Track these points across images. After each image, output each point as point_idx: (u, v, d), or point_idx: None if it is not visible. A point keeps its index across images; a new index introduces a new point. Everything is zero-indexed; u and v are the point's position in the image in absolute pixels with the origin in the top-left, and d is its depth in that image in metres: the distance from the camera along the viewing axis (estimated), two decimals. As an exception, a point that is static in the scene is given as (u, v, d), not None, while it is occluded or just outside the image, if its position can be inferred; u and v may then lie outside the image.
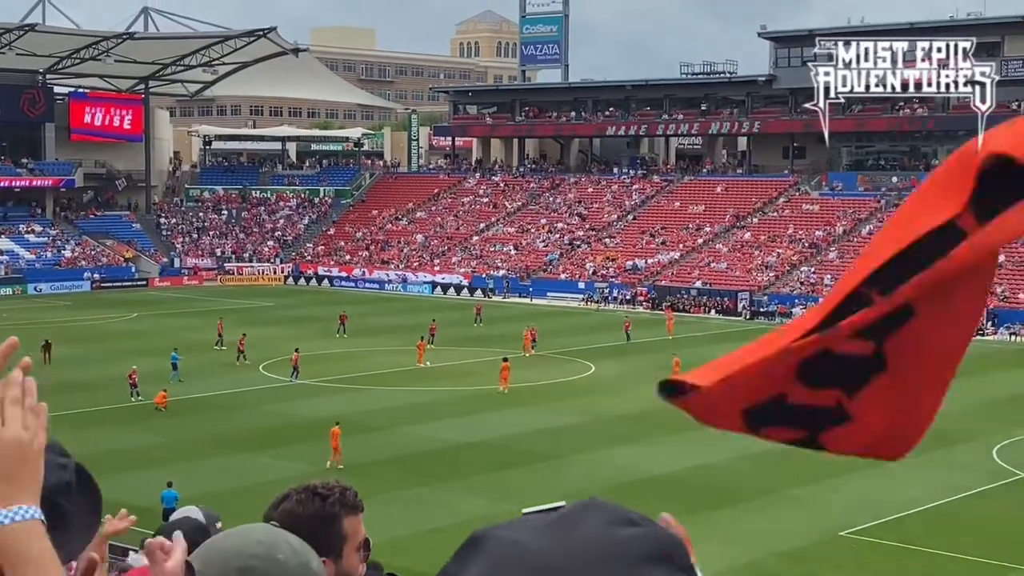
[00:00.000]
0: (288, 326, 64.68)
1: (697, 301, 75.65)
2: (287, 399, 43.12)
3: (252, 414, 40.37)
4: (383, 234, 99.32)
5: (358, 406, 41.68)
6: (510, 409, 41.36)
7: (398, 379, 47.48)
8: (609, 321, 65.67)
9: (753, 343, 1.89)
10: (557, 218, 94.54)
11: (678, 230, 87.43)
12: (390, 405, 41.93)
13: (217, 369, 49.67)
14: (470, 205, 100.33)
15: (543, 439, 36.64)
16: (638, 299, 78.33)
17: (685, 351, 51.63)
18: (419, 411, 40.90)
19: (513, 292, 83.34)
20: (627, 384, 47.08)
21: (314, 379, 46.95)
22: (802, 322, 1.83)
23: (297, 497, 3.26)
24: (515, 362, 52.01)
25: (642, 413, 40.83)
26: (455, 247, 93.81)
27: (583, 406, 42.05)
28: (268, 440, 36.03)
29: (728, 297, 74.91)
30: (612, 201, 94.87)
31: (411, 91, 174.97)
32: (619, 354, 55.54)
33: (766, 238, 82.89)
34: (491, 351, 49.94)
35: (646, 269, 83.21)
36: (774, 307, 72.42)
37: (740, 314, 72.99)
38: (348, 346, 57.17)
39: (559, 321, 68.95)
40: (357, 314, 67.37)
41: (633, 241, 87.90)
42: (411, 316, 69.73)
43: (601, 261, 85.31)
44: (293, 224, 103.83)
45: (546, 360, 53.68)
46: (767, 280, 77.70)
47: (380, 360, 52.29)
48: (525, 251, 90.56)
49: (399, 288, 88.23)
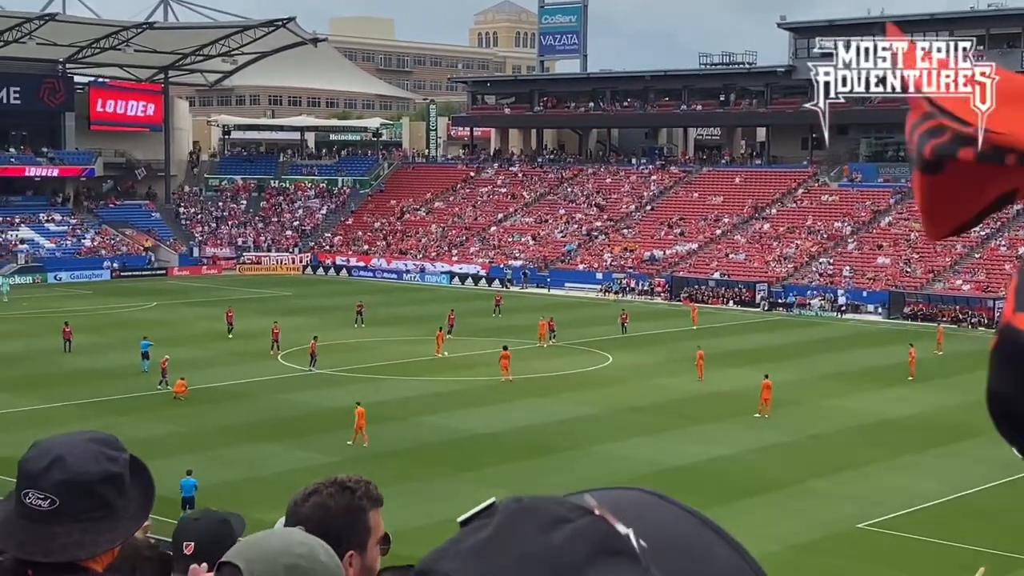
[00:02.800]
0: (306, 315, 64.80)
1: (715, 292, 75.50)
2: (305, 388, 43.14)
3: (270, 403, 40.43)
4: (401, 224, 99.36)
5: (375, 396, 41.75)
6: (527, 400, 41.40)
7: (416, 369, 47.43)
8: (627, 311, 65.56)
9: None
10: (575, 208, 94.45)
11: (696, 221, 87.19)
12: (407, 395, 42.03)
13: (235, 358, 49.78)
14: (488, 195, 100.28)
15: (560, 430, 36.64)
16: (656, 290, 78.27)
17: (705, 342, 51.56)
18: (436, 401, 40.97)
19: (531, 282, 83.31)
20: (645, 375, 47.04)
21: (332, 368, 47.01)
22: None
23: (327, 491, 3.31)
24: (531, 353, 52.08)
25: (659, 405, 40.91)
26: (473, 237, 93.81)
27: (600, 397, 42.03)
28: (285, 430, 36.08)
29: (746, 288, 74.75)
30: (630, 192, 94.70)
31: (429, 81, 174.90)
32: (637, 345, 55.49)
33: (785, 229, 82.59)
34: (509, 342, 50.00)
35: (664, 260, 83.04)
36: (792, 298, 72.24)
37: (758, 305, 72.84)
38: (366, 336, 57.29)
39: (577, 312, 68.94)
40: (375, 304, 67.49)
41: (651, 232, 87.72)
42: (429, 306, 69.78)
43: (620, 252, 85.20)
44: (311, 214, 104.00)
45: (563, 351, 53.61)
46: (785, 271, 77.45)
47: (398, 350, 52.36)
48: (543, 241, 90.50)
49: (417, 278, 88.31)
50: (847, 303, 70.77)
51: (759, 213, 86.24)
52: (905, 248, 76.53)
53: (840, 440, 36.20)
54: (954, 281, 71.42)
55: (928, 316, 66.56)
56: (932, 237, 2.00)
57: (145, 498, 2.61)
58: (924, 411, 40.79)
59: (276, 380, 45.03)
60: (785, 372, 47.26)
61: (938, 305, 67.82)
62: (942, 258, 74.19)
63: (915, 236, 76.78)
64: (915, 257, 75.15)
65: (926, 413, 40.45)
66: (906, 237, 77.47)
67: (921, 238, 76.63)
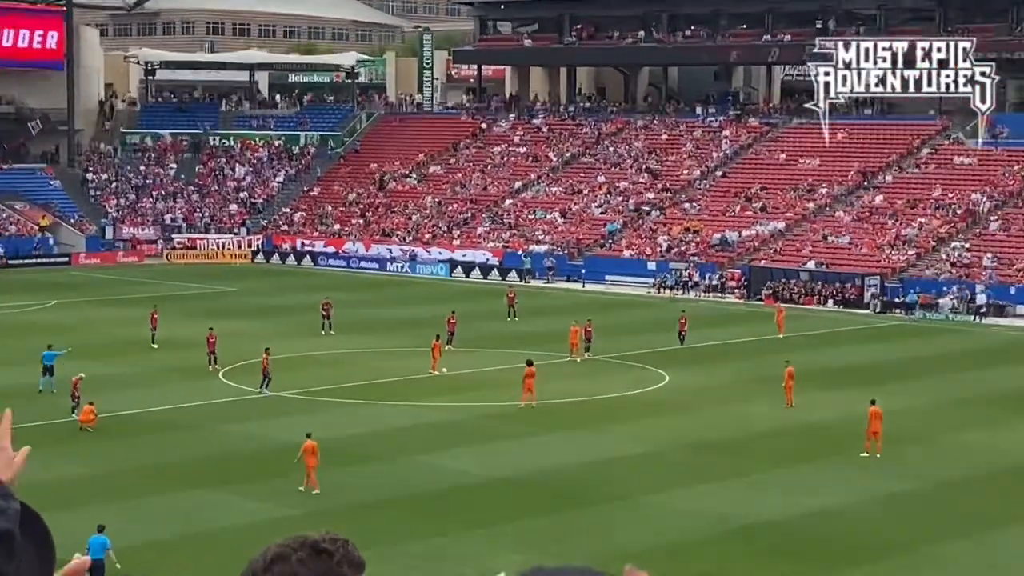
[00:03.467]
0: (257, 319, 64.70)
1: (808, 288, 75.40)
2: (255, 417, 43.47)
3: (209, 437, 40.71)
4: (385, 196, 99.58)
5: (351, 427, 41.84)
6: (553, 434, 41.60)
7: (405, 391, 47.65)
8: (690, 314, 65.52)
9: None
10: (619, 175, 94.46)
11: (783, 192, 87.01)
12: (394, 426, 42.30)
13: (162, 376, 49.84)
14: (502, 157, 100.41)
15: (599, 475, 36.81)
16: (728, 285, 78.21)
17: (795, 356, 51.32)
18: (433, 435, 41.27)
19: (559, 275, 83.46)
20: (713, 400, 46.90)
21: (291, 390, 47.27)
22: None
23: (297, 556, 3.27)
24: (559, 369, 52.04)
25: (733, 440, 40.88)
26: (481, 214, 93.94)
27: (652, 430, 42.24)
28: (230, 472, 36.36)
29: (851, 283, 74.62)
30: (694, 152, 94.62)
31: (423, 2, 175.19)
32: (701, 359, 55.43)
33: (903, 203, 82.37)
34: (529, 354, 50.13)
35: (739, 245, 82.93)
36: (914, 296, 72.11)
37: (867, 306, 72.72)
38: (336, 345, 57.24)
39: (621, 314, 68.80)
40: (349, 303, 67.58)
41: (722, 207, 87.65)
42: (422, 306, 69.64)
43: (679, 233, 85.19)
44: (264, 182, 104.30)
45: (602, 367, 53.53)
46: (904, 260, 77.22)
47: (380, 366, 52.31)
48: (576, 220, 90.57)
49: (406, 269, 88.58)
50: (989, 303, 70.56)
51: (869, 181, 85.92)
52: (1068, 228, 76.27)
53: (981, 489, 36.14)
54: None
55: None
56: None
57: (42, 562, 2.63)
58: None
59: (216, 405, 45.36)
60: (905, 397, 47.03)
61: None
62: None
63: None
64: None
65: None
66: (1070, 214, 77.21)
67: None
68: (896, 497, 34.75)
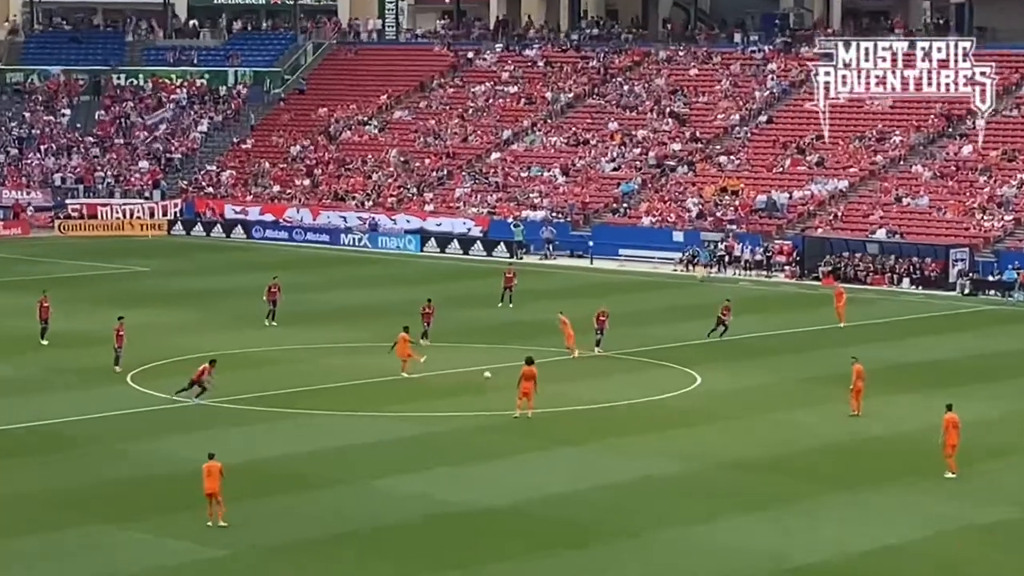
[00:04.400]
0: (174, 307, 64.49)
1: (878, 264, 75.42)
2: (172, 431, 43.28)
3: (112, 457, 40.52)
4: (337, 149, 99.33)
5: (294, 444, 41.78)
6: (552, 451, 41.56)
7: (364, 399, 47.66)
8: (724, 298, 65.54)
9: None
10: (636, 121, 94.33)
11: (846, 142, 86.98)
12: (350, 442, 42.24)
13: (55, 379, 49.58)
14: (486, 99, 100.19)
15: (615, 501, 36.72)
16: (776, 260, 78.21)
17: (861, 350, 51.23)
18: (399, 453, 41.18)
19: (561, 248, 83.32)
20: (758, 407, 47.06)
21: (219, 397, 47.02)
22: None
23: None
24: (562, 369, 52.01)
25: (784, 458, 40.91)
26: (460, 172, 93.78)
27: (677, 446, 42.26)
28: (144, 502, 36.12)
29: (932, 257, 74.63)
30: (731, 92, 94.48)
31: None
32: (743, 355, 55.42)
33: (998, 155, 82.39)
34: (524, 350, 50.00)
35: (790, 209, 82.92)
36: (1012, 274, 72.08)
37: (953, 286, 72.71)
38: (277, 341, 57.04)
39: (639, 299, 68.76)
40: (293, 286, 67.25)
41: (767, 161, 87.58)
42: (384, 290, 69.53)
43: (713, 195, 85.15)
44: (183, 132, 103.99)
45: (616, 365, 53.58)
46: (1000, 228, 77.25)
47: (331, 366, 52.26)
48: (581, 179, 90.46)
49: (364, 242, 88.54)
50: (1107, 281, 70.81)
51: (954, 127, 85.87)
52: None
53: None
54: None
55: None
56: None
57: None
58: None
59: (125, 417, 45.21)
60: (999, 401, 47.24)
61: None
62: None
63: None
64: None
65: None
66: None
67: None
68: (987, 529, 34.62)
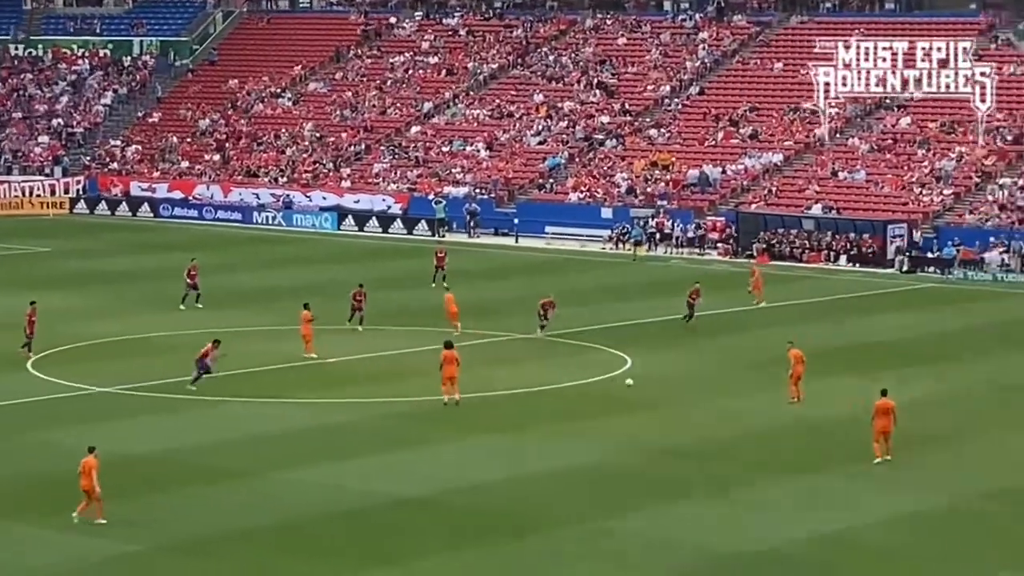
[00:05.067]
0: (78, 289, 64.35)
1: (815, 240, 75.53)
2: (75, 421, 43.11)
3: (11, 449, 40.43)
4: (248, 123, 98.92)
5: (205, 433, 41.71)
6: (480, 438, 41.45)
7: (280, 385, 47.54)
8: (658, 277, 65.61)
9: None
10: (563, 92, 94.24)
11: (780, 114, 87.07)
12: (265, 431, 42.06)
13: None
14: (405, 70, 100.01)
15: (542, 492, 36.55)
16: (709, 238, 78.18)
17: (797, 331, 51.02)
18: (318, 442, 41.01)
19: (484, 227, 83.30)
20: (690, 392, 47.24)
21: (125, 384, 47.31)
22: None
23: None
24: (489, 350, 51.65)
25: (717, 444, 40.94)
26: (379, 146, 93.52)
27: (609, 433, 42.00)
28: (45, 497, 35.69)
29: (870, 233, 74.67)
30: (662, 63, 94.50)
31: None
32: (676, 338, 55.54)
33: (938, 126, 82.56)
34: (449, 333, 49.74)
35: (723, 184, 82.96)
36: (951, 250, 72.29)
37: (891, 263, 72.82)
38: (190, 325, 56.94)
39: (568, 278, 68.68)
40: (204, 267, 67.07)
41: (700, 134, 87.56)
42: (300, 270, 69.55)
43: (643, 170, 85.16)
44: (86, 105, 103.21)
45: (546, 348, 53.32)
46: (939, 203, 77.44)
47: (244, 351, 51.87)
48: (505, 153, 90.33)
49: (278, 220, 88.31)
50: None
51: (892, 99, 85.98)
52: None
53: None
54: None
55: None
56: None
57: None
58: None
59: (25, 406, 45.10)
60: (937, 384, 47.57)
61: None
62: None
63: None
64: None
65: None
66: None
67: None
68: (925, 517, 34.69)
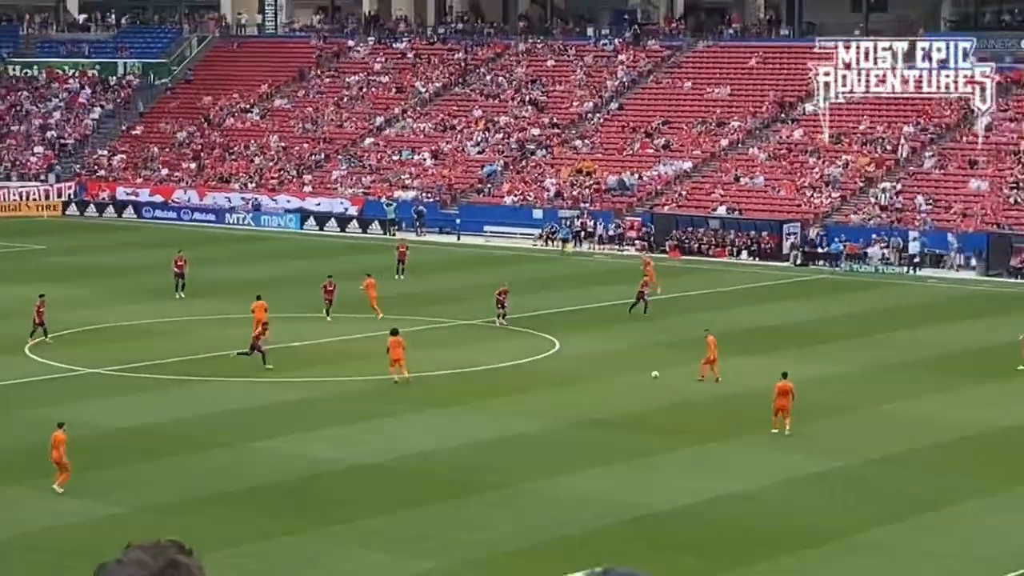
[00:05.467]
0: (69, 282, 63.91)
1: (720, 238, 76.14)
2: (66, 399, 43.02)
3: (8, 423, 40.44)
4: (221, 135, 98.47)
5: (183, 408, 41.88)
6: (425, 412, 41.74)
7: (249, 366, 47.57)
8: (582, 270, 65.85)
9: None
10: (499, 108, 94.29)
11: (689, 126, 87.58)
12: (236, 407, 42.43)
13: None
14: (360, 88, 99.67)
15: (480, 458, 36.99)
16: (627, 235, 78.69)
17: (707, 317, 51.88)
18: (283, 416, 41.29)
19: (430, 226, 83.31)
20: (610, 370, 47.52)
21: (111, 366, 47.38)
22: None
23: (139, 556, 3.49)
24: (435, 335, 52.06)
25: (633, 417, 41.29)
26: (336, 155, 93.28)
27: (539, 406, 42.48)
28: (38, 465, 35.39)
29: (768, 231, 75.50)
30: (585, 81, 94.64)
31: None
32: (598, 323, 55.87)
33: (826, 137, 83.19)
34: (403, 320, 49.95)
35: (640, 188, 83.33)
36: (839, 246, 72.91)
37: (786, 258, 73.57)
38: (170, 313, 57.04)
39: (503, 271, 68.73)
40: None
41: (619, 144, 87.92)
42: (268, 264, 69.35)
43: (569, 176, 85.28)
44: (76, 119, 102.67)
45: (483, 333, 53.89)
46: (828, 204, 78.16)
47: (218, 336, 52.20)
48: (448, 161, 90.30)
49: (248, 221, 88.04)
50: (923, 252, 71.72)
51: (787, 113, 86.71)
52: (1012, 166, 77.63)
53: (915, 467, 36.94)
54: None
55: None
56: None
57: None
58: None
59: (22, 385, 45.14)
60: (827, 363, 47.99)
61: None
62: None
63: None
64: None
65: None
66: (1014, 149, 78.53)
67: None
68: (815, 478, 35.37)
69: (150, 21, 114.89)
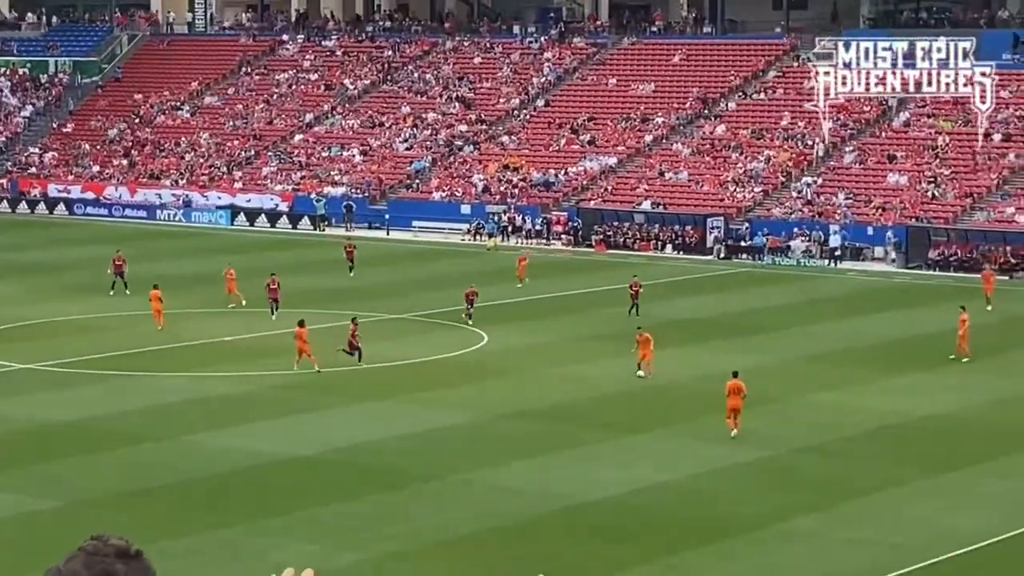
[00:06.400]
0: (2, 278, 63.83)
1: (644, 232, 76.31)
2: (3, 393, 43.24)
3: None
4: (152, 132, 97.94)
5: (113, 404, 41.68)
6: (355, 405, 41.83)
7: (181, 360, 47.84)
8: (509, 264, 65.79)
9: None
10: (426, 105, 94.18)
11: (614, 122, 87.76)
12: (167, 401, 42.23)
13: None
14: (289, 86, 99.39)
15: (410, 450, 37.05)
16: (554, 230, 78.73)
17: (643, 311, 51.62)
18: (215, 410, 41.23)
19: (360, 221, 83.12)
20: (538, 362, 47.62)
21: (39, 362, 47.07)
22: None
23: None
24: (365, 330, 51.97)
25: (562, 408, 41.42)
26: (266, 152, 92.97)
27: (469, 398, 42.63)
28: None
29: (692, 225, 75.71)
30: (511, 78, 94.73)
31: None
32: (526, 317, 55.99)
33: (749, 133, 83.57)
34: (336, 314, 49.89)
35: (566, 184, 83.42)
36: (761, 239, 73.30)
37: (710, 251, 73.81)
38: (104, 308, 56.70)
39: (432, 266, 69.11)
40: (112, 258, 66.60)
41: (545, 140, 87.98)
42: (200, 260, 69.06)
43: (496, 172, 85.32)
44: (7, 117, 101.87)
45: (412, 326, 53.95)
46: (751, 199, 78.51)
47: (149, 332, 51.99)
48: (377, 157, 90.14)
49: (179, 217, 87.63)
50: (844, 245, 72.20)
51: (710, 109, 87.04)
52: (931, 161, 78.21)
53: (840, 456, 37.10)
54: (1004, 209, 73.30)
55: (966, 263, 68.30)
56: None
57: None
58: (967, 408, 41.99)
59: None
60: (751, 354, 48.10)
61: (980, 246, 69.58)
62: (986, 175, 76.00)
63: (947, 142, 78.33)
64: (945, 174, 76.86)
65: (970, 411, 41.61)
66: (932, 144, 79.14)
67: (955, 145, 78.37)
68: (742, 468, 35.52)
69: (80, 19, 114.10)
